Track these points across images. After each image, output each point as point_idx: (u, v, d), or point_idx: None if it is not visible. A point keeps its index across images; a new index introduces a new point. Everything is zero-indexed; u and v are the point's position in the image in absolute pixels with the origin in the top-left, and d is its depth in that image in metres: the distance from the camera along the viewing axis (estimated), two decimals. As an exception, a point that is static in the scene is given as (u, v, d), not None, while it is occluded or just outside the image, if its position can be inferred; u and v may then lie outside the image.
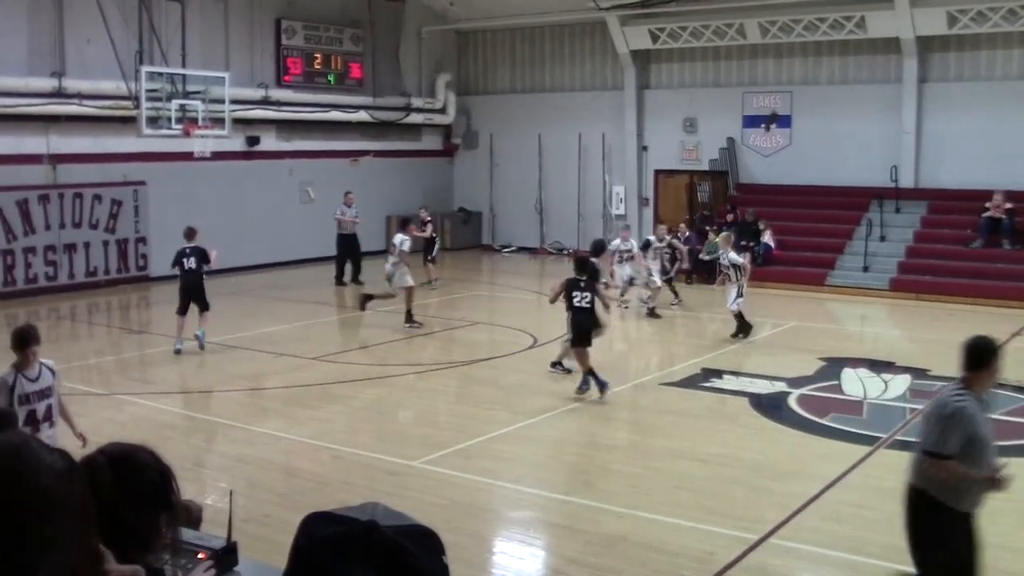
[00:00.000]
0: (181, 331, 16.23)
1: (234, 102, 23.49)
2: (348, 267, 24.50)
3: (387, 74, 29.92)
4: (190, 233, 16.70)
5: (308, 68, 27.52)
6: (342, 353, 16.24)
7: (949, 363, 14.87)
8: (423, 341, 17.44)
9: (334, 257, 24.97)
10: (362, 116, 28.83)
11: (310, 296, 22.26)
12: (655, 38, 28.51)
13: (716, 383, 14.43)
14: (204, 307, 16.37)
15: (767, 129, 28.22)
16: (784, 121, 28.02)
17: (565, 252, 29.35)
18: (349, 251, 24.76)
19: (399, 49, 30.47)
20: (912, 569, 6.54)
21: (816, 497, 9.45)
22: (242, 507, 8.43)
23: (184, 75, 22.33)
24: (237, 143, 25.15)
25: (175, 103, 21.56)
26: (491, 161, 32.15)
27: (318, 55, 27.80)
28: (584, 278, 13.73)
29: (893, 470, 10.78)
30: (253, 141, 26.19)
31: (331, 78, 28.18)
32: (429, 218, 25.18)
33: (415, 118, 30.85)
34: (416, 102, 30.74)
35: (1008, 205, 23.88)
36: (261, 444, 11.36)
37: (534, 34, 31.36)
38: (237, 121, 24.04)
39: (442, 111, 31.66)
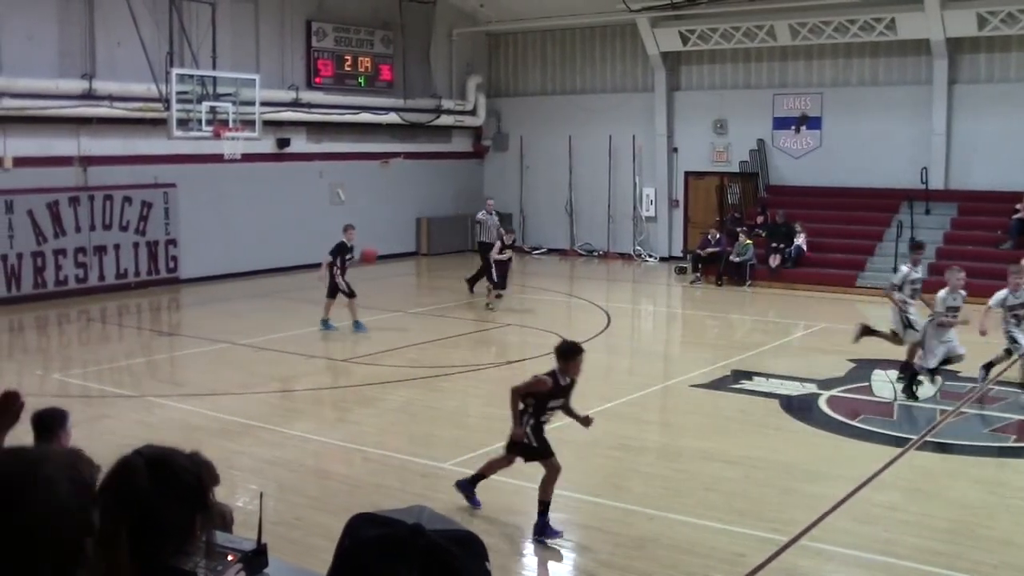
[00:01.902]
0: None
1: (264, 104, 23.60)
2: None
3: (417, 76, 30.00)
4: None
5: (338, 70, 27.63)
6: (373, 355, 16.31)
7: (980, 364, 14.90)
8: (454, 342, 17.50)
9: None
10: (392, 118, 28.92)
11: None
12: (685, 40, 28.49)
13: (746, 385, 14.43)
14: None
15: (797, 131, 28.14)
16: (814, 123, 27.94)
17: (596, 254, 29.35)
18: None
19: (429, 51, 30.57)
20: None
21: (846, 499, 9.46)
22: (273, 510, 8.51)
23: (214, 77, 22.41)
24: (267, 145, 25.29)
25: (205, 105, 21.66)
26: (521, 163, 32.19)
27: (348, 57, 27.91)
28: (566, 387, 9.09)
29: (924, 472, 10.82)
30: (283, 143, 26.33)
31: (361, 80, 28.29)
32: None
33: (445, 120, 30.93)
34: (446, 104, 30.82)
35: (1039, 207, 23.77)
36: (291, 446, 11.44)
37: (564, 36, 31.38)
38: (267, 123, 24.14)
39: (472, 113, 31.72)
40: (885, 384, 14.47)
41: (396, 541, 1.76)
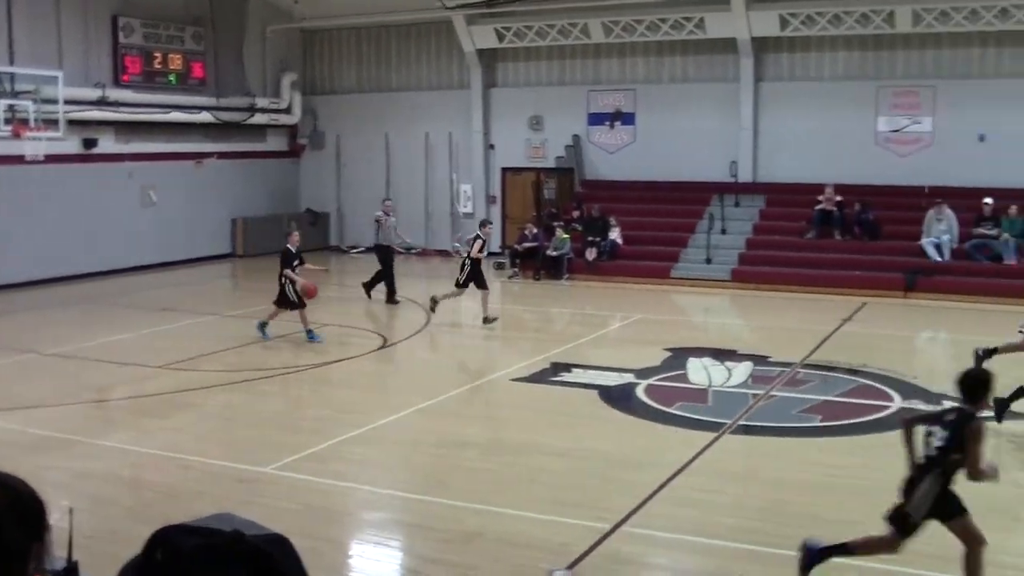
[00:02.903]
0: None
1: (69, 102, 22.74)
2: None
3: (230, 74, 29.37)
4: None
5: (147, 67, 26.76)
6: (191, 360, 15.90)
7: (788, 349, 15.49)
8: (274, 345, 17.22)
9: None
10: (205, 117, 28.23)
11: (154, 302, 21.74)
12: (501, 37, 28.73)
13: (566, 377, 14.65)
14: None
15: (611, 127, 28.72)
16: (628, 119, 28.56)
17: (413, 251, 29.30)
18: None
19: (243, 48, 29.94)
20: None
21: (666, 484, 9.71)
22: (87, 524, 8.20)
23: (12, 73, 21.46)
24: (73, 145, 24.32)
25: (3, 103, 20.71)
26: (338, 161, 31.92)
27: (157, 54, 27.04)
28: None
29: (738, 454, 11.19)
30: (90, 143, 25.33)
31: (172, 78, 27.48)
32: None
33: (260, 118, 30.39)
34: (261, 102, 30.27)
35: (838, 198, 24.96)
36: (107, 458, 11.03)
37: (380, 33, 31.23)
38: (72, 122, 23.26)
39: (287, 111, 31.26)
40: (700, 371, 14.90)
41: (218, 549, 1.72)
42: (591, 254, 25.47)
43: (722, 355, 15.96)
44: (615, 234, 25.68)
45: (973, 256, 23.59)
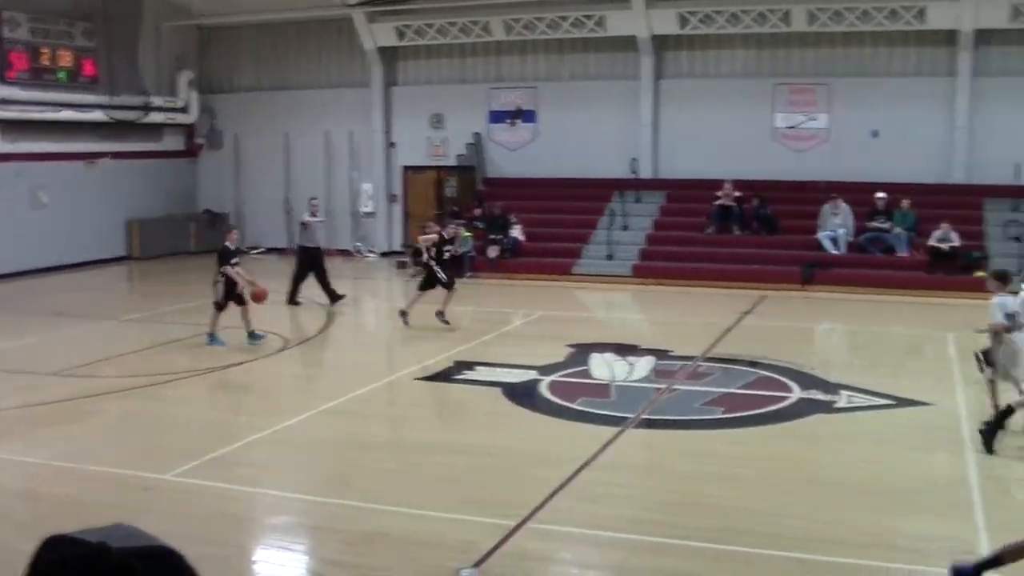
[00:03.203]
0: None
1: (-49, 101, 22.06)
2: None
3: (124, 72, 28.68)
4: None
5: (35, 64, 25.96)
6: (88, 366, 15.49)
7: (689, 343, 15.66)
8: (174, 349, 16.88)
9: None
10: (97, 116, 27.57)
11: (46, 307, 21.18)
12: (401, 35, 28.60)
13: (469, 375, 14.62)
14: None
15: (513, 124, 28.77)
16: (529, 116, 28.64)
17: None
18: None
19: (137, 45, 29.32)
20: None
21: (570, 479, 9.73)
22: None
23: None
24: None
25: None
26: (237, 161, 31.46)
27: (46, 50, 26.23)
28: None
29: (641, 448, 11.28)
30: (-26, 143, 24.57)
31: (62, 75, 26.75)
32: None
33: (155, 117, 29.79)
34: (156, 100, 29.65)
35: (737, 193, 25.35)
36: (-2, 468, 10.69)
37: (279, 30, 30.83)
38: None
39: (184, 110, 30.69)
40: (603, 366, 14.98)
41: (81, 562, 1.64)
42: (493, 252, 25.49)
43: (624, 350, 16.08)
44: (517, 231, 25.75)
45: (867, 249, 24.14)
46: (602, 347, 16.25)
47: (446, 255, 18.74)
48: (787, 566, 7.81)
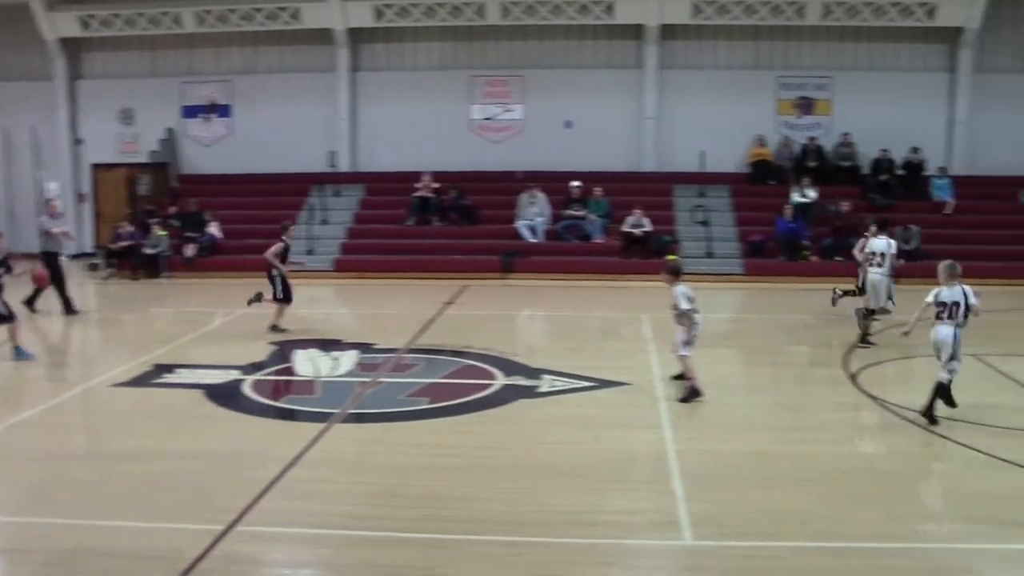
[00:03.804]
0: None
1: None
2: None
3: None
4: None
5: None
6: None
7: (393, 336, 15.76)
8: None
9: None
10: None
11: None
12: (86, 25, 27.32)
13: (169, 378, 14.17)
14: None
15: (207, 119, 28.09)
16: (224, 110, 28.07)
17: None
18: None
19: None
20: None
21: (278, 478, 9.61)
22: None
23: None
24: None
25: None
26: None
27: None
28: None
29: (349, 443, 11.27)
30: None
31: None
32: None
33: None
34: None
35: (435, 185, 25.76)
36: None
37: (-55, 19, 28.82)
38: None
39: None
40: (306, 363, 14.88)
41: None
42: (190, 250, 24.80)
43: (328, 345, 16.02)
44: (214, 228, 25.17)
45: (564, 236, 25.06)
46: (306, 343, 16.13)
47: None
48: (496, 549, 8.00)
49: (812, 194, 25.65)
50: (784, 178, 26.76)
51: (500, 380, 13.76)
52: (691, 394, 12.59)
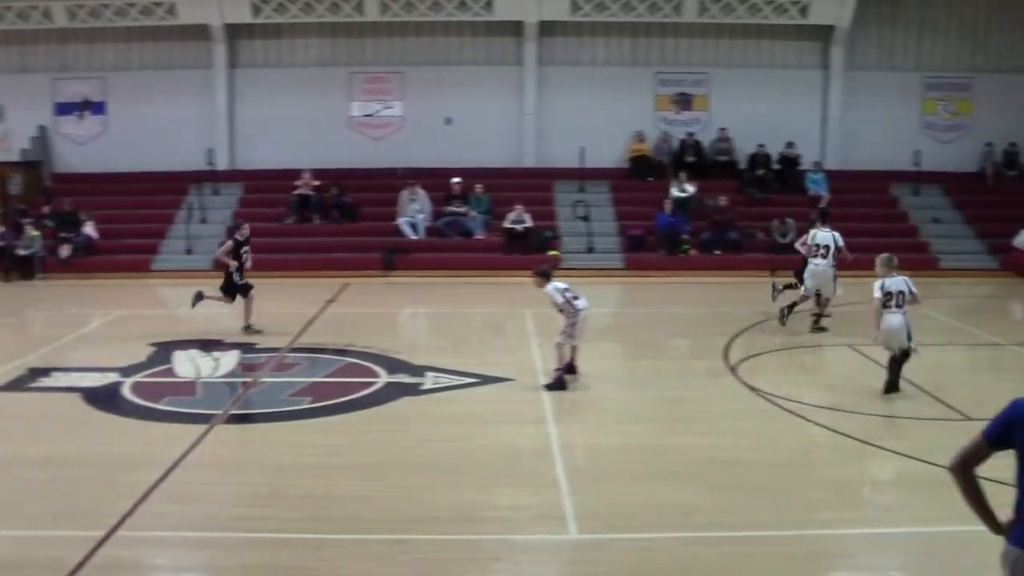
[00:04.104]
0: None
1: None
2: None
3: None
4: None
5: None
6: None
7: (275, 335, 15.65)
8: None
9: None
10: None
11: None
12: (-54, 20, 26.48)
13: (45, 382, 13.84)
14: None
15: (81, 116, 27.48)
16: (98, 108, 27.50)
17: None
18: None
19: None
20: None
21: (160, 481, 9.49)
22: None
23: None
24: None
25: None
26: None
27: None
28: None
29: (232, 444, 11.18)
30: None
31: None
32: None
33: None
34: None
35: (316, 183, 25.62)
36: None
37: None
38: None
39: None
40: (187, 364, 14.69)
41: None
42: (65, 251, 24.24)
43: (209, 346, 15.83)
44: (89, 229, 24.64)
45: (446, 233, 25.13)
46: (186, 344, 15.92)
47: (245, 257, 17.37)
48: (381, 548, 8.03)
49: (691, 189, 26.12)
50: (663, 173, 27.21)
51: (383, 378, 13.78)
52: (556, 384, 12.82)
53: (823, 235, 17.09)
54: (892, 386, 12.67)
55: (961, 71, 28.44)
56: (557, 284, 13.07)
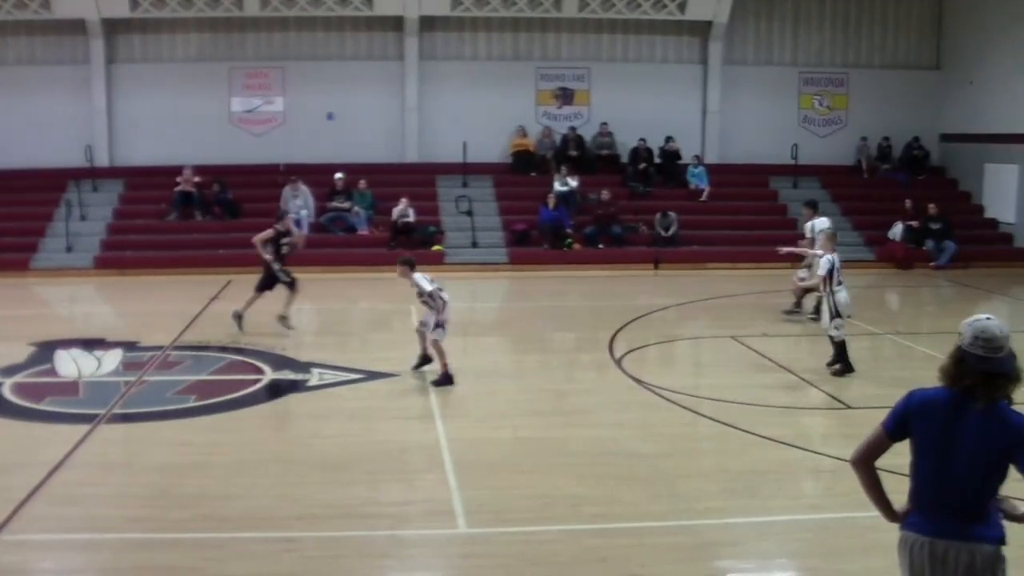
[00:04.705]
0: None
1: None
2: None
3: None
4: None
5: None
6: None
7: (158, 333, 15.52)
8: None
9: None
10: None
11: None
12: None
13: (-80, 385, 13.53)
14: None
15: (-50, 112, 26.70)
16: (-31, 104, 26.73)
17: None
18: None
19: None
20: None
21: (43, 484, 9.37)
22: None
23: None
24: None
25: None
26: None
27: None
28: None
29: (116, 444, 11.09)
30: None
31: None
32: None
33: None
34: None
35: (197, 179, 25.36)
36: None
37: None
38: None
39: None
40: (68, 363, 14.46)
41: None
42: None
43: (91, 345, 15.59)
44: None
45: (329, 229, 25.08)
46: (67, 343, 15.66)
47: (284, 250, 17.23)
48: (268, 546, 8.05)
49: (573, 183, 26.41)
50: (546, 168, 27.47)
51: (268, 375, 13.77)
52: (444, 379, 12.93)
53: (822, 222, 17.64)
54: (849, 367, 13.45)
55: (836, 66, 29.32)
56: (421, 275, 13.29)
